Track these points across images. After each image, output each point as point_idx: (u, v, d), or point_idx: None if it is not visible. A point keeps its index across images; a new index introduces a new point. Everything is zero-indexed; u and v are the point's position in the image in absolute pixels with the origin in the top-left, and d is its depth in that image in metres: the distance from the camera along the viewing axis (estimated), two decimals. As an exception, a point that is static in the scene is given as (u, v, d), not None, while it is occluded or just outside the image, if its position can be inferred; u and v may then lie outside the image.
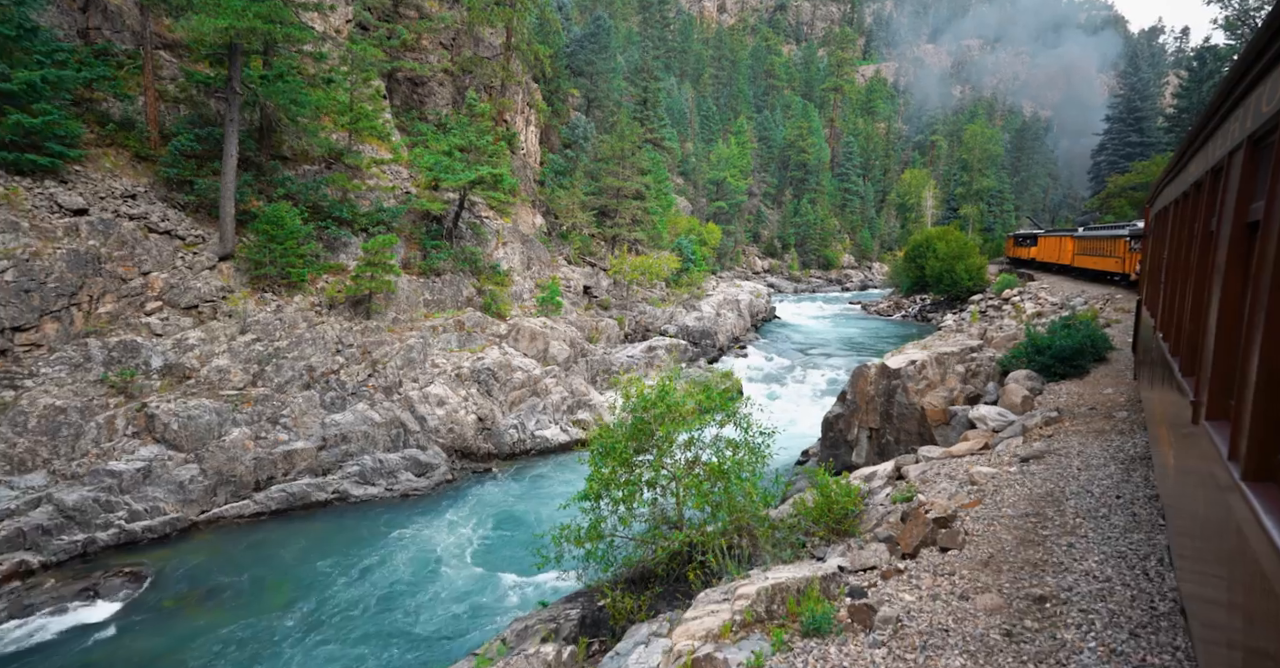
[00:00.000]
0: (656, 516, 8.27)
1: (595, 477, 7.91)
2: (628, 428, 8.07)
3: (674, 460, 8.44)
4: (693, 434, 8.47)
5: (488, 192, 20.82)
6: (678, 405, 7.96)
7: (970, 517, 6.46)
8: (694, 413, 8.35)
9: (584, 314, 28.71)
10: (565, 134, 36.26)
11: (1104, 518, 5.90)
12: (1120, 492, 6.50)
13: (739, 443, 8.61)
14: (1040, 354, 13.53)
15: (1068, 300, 34.82)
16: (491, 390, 18.88)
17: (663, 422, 8.12)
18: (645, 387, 8.16)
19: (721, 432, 9.08)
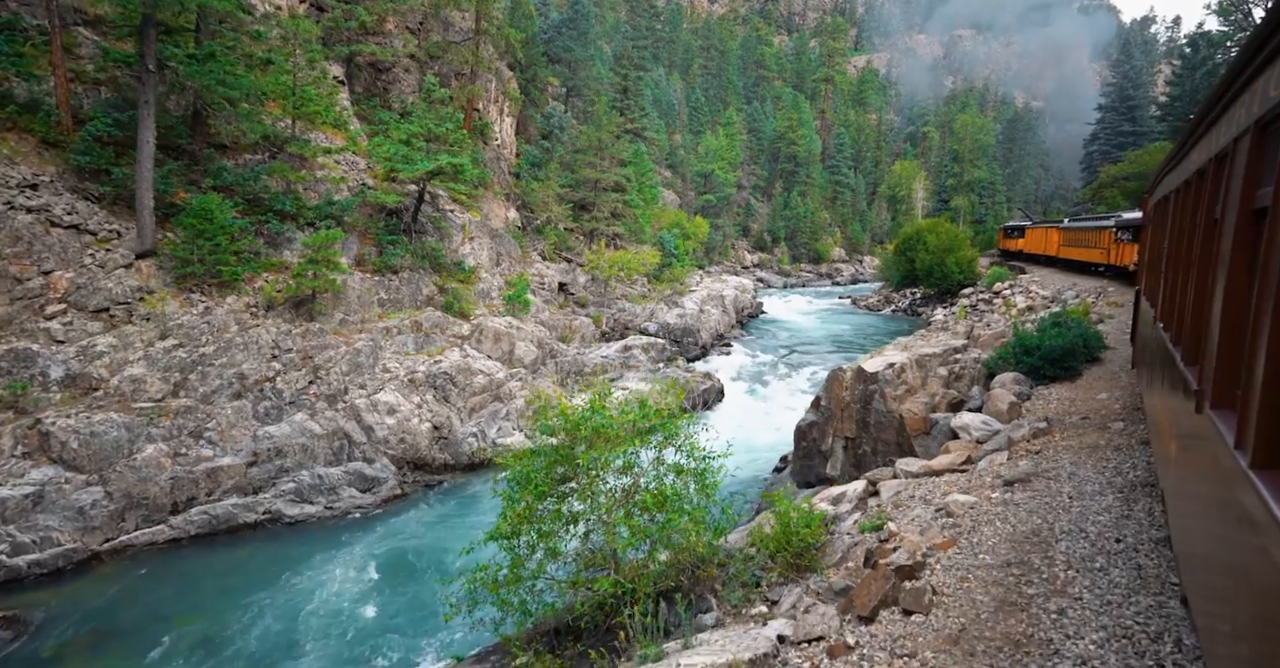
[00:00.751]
0: (586, 555, 7.12)
1: (508, 513, 6.73)
2: (547, 455, 6.88)
3: (608, 489, 7.28)
4: (629, 458, 7.30)
5: (448, 183, 19.58)
6: (606, 428, 6.78)
7: (942, 565, 5.34)
8: (628, 435, 7.18)
9: (557, 313, 27.51)
10: (541, 124, 34.94)
11: (1101, 571, 4.79)
12: (1120, 533, 5.39)
13: (683, 467, 7.44)
14: (1028, 355, 12.43)
15: (1059, 294, 33.84)
16: (449, 396, 17.69)
17: (590, 446, 6.96)
18: (567, 406, 6.99)
19: (665, 454, 7.92)
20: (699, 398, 25.59)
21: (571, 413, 7.01)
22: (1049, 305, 33.24)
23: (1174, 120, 53.52)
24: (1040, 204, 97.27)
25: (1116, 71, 63.13)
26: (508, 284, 22.79)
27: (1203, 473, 3.28)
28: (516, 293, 21.60)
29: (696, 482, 7.28)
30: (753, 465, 19.50)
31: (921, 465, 9.83)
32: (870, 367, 12.09)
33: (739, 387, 29.38)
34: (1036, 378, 12.31)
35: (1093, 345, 12.94)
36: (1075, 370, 12.25)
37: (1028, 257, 47.21)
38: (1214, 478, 2.95)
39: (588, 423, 6.90)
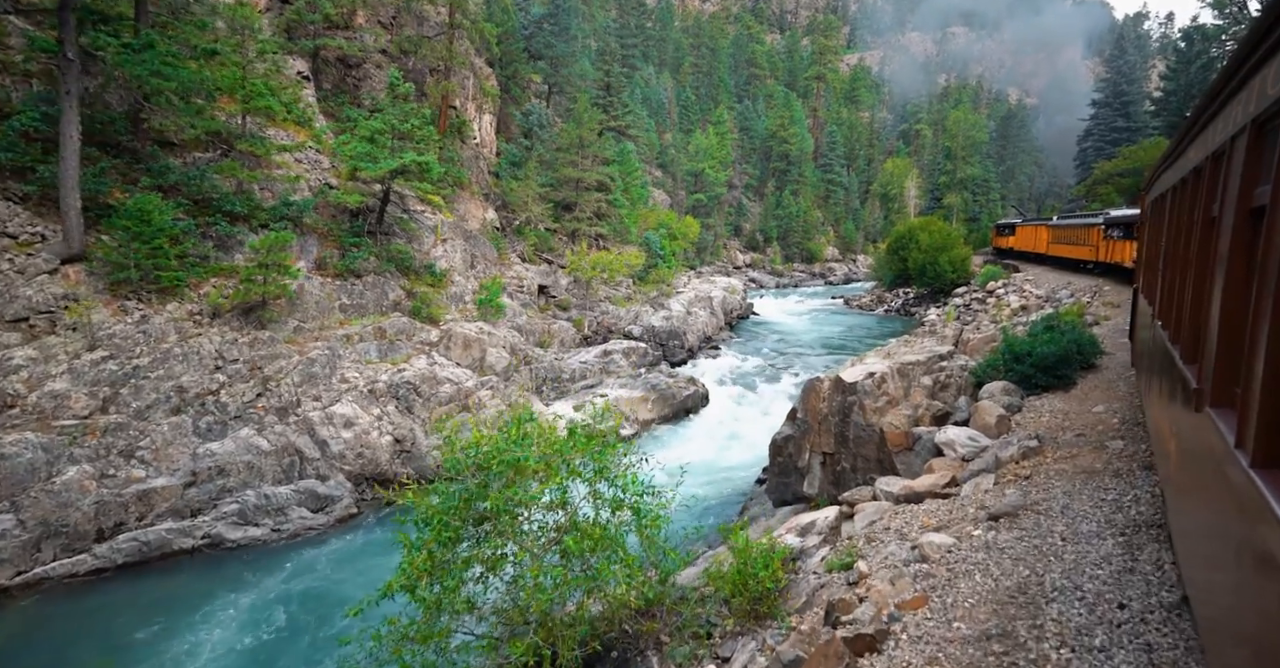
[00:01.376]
0: (508, 609, 6.17)
1: (405, 565, 5.77)
2: (455, 496, 5.93)
3: (535, 529, 6.34)
4: (558, 493, 6.36)
5: (414, 183, 18.65)
6: (524, 462, 5.84)
7: (909, 634, 4.47)
8: (555, 468, 6.25)
9: (536, 316, 26.59)
10: (521, 121, 34.00)
11: (1103, 654, 3.90)
12: (1124, 593, 4.51)
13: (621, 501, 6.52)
14: (1019, 363, 11.57)
15: (1053, 293, 33.07)
16: (413, 407, 16.75)
17: (508, 482, 6.03)
18: (480, 436, 6.05)
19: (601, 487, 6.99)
20: (681, 404, 24.71)
21: (485, 444, 6.06)
22: (1043, 305, 32.50)
23: (1169, 116, 52.87)
24: (1035, 201, 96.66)
25: (1110, 67, 62.42)
26: (482, 287, 21.86)
27: (1203, 472, 3.26)
28: (488, 297, 20.68)
29: (636, 519, 6.36)
30: (734, 476, 18.65)
31: (902, 486, 8.96)
32: (849, 377, 11.21)
33: (725, 391, 28.51)
34: (1028, 388, 11.45)
35: (1088, 351, 12.09)
36: (1069, 379, 11.39)
37: (1019, 254, 47.08)
38: (1215, 478, 2.94)
39: (501, 457, 5.96)
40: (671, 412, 24.27)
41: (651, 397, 23.81)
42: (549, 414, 21.11)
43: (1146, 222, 9.13)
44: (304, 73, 22.60)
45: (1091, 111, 65.03)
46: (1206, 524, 3.14)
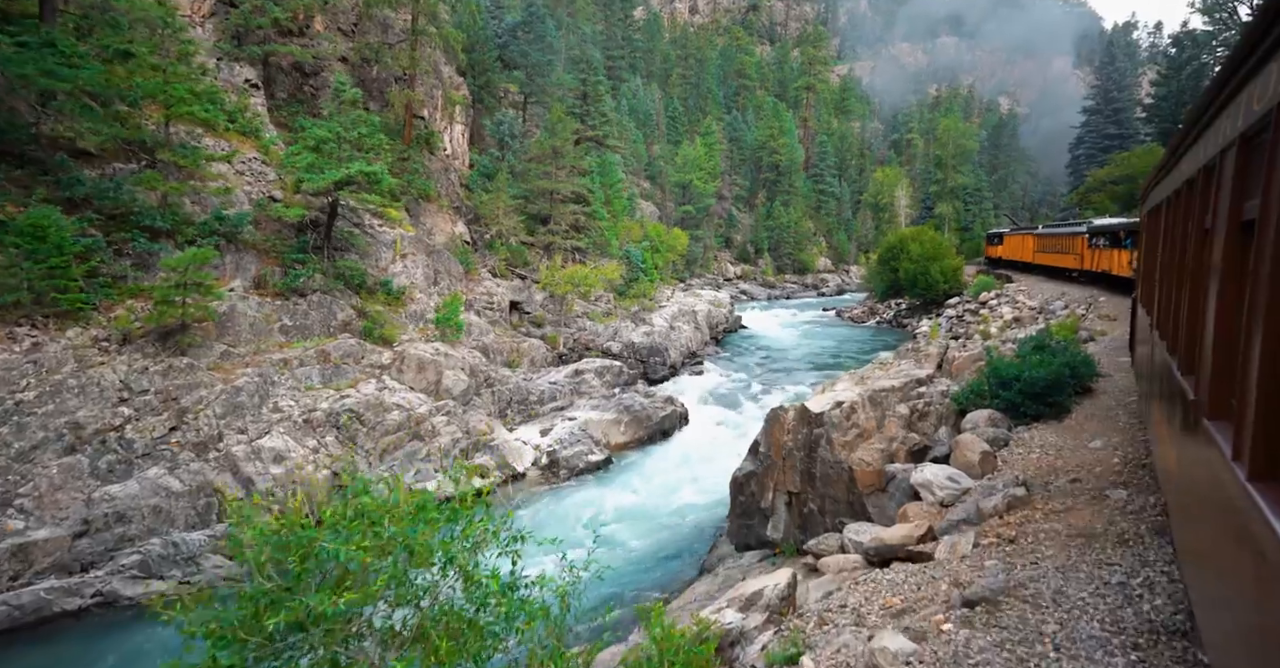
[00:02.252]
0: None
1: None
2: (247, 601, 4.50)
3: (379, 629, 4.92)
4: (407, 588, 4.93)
5: (361, 195, 17.41)
6: (329, 554, 4.43)
7: None
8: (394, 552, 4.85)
9: (504, 334, 25.27)
10: (492, 131, 32.87)
11: None
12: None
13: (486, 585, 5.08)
14: (1005, 389, 10.26)
15: (1047, 304, 31.89)
16: (356, 436, 15.37)
17: (325, 578, 4.64)
18: (276, 520, 4.66)
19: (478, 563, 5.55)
20: (657, 426, 23.35)
21: (284, 529, 4.65)
22: (1036, 317, 31.30)
23: (1160, 122, 52.11)
24: (1028, 210, 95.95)
25: (1100, 74, 61.84)
26: (441, 305, 20.55)
27: (1202, 485, 3.21)
28: (447, 315, 19.37)
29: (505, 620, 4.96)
30: (707, 508, 17.20)
31: (873, 538, 7.62)
32: (815, 406, 9.88)
33: (706, 411, 27.15)
34: (1016, 416, 10.14)
35: (1083, 374, 10.79)
36: (1063, 407, 10.08)
37: (1009, 264, 47.07)
38: (1213, 490, 2.91)
39: (308, 547, 4.56)
40: (647, 434, 22.91)
41: (625, 419, 22.46)
42: (513, 439, 19.76)
43: (1143, 232, 9.02)
44: (252, 80, 21.42)
45: (1083, 119, 64.38)
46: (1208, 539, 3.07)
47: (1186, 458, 3.74)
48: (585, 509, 16.65)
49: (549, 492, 17.87)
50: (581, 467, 19.32)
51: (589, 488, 18.34)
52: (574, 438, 20.08)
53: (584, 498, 17.44)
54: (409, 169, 26.66)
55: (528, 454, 19.19)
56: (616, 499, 17.67)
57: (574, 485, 18.44)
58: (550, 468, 19.03)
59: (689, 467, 20.05)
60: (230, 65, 20.95)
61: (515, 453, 18.82)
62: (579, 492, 18.05)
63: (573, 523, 16.09)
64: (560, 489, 18.03)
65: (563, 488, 18.15)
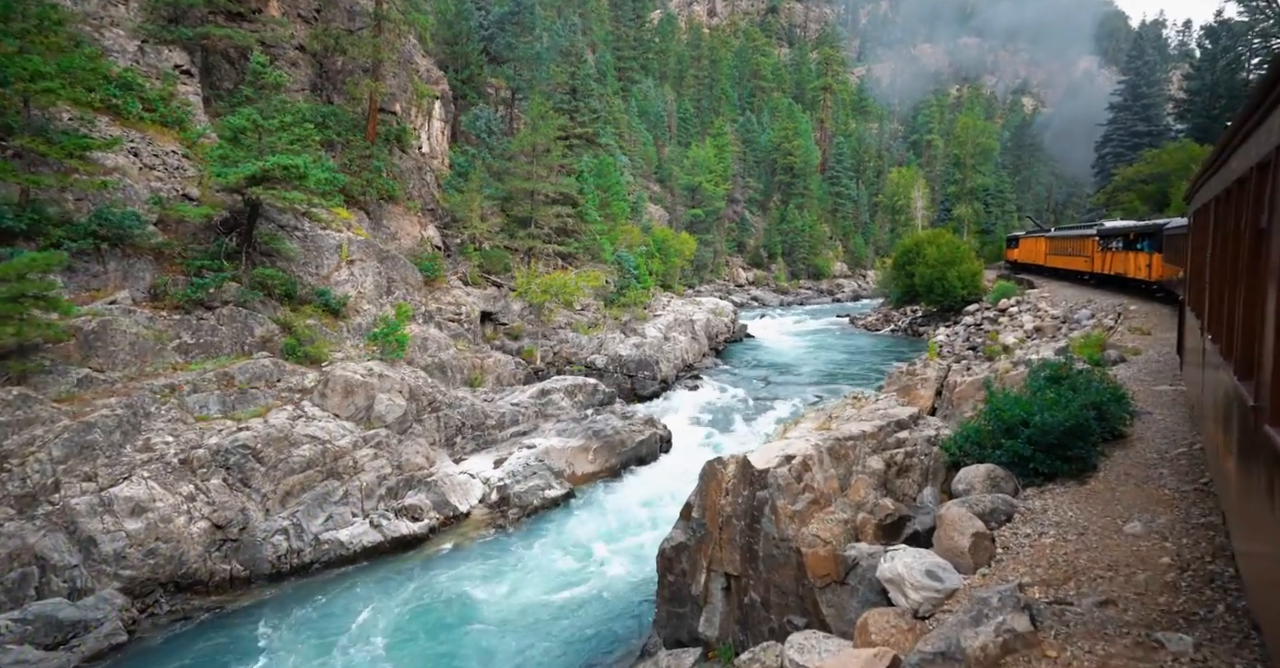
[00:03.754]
0: None
1: None
2: None
3: None
4: None
5: (278, 191, 15.42)
6: None
7: None
8: None
9: (466, 349, 23.16)
10: (467, 127, 30.92)
11: None
12: None
13: None
14: (1011, 436, 7.85)
15: (1071, 312, 29.10)
16: (250, 478, 13.28)
17: None
18: None
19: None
20: (632, 452, 21.06)
21: None
22: (1060, 328, 28.54)
23: (1194, 118, 48.74)
24: (1053, 212, 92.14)
25: (1128, 68, 58.39)
26: (379, 320, 18.46)
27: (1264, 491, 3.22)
28: (385, 330, 17.31)
29: None
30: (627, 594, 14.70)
31: (816, 663, 5.30)
32: (759, 461, 7.55)
33: (694, 433, 24.78)
34: (1024, 474, 7.72)
35: (1113, 416, 8.32)
36: (1086, 462, 7.63)
37: (1024, 267, 46.17)
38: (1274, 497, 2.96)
39: None
40: (620, 461, 20.63)
41: (593, 445, 20.20)
42: (458, 473, 17.56)
43: (1191, 231, 8.40)
44: (184, 66, 19.64)
45: (1110, 116, 60.93)
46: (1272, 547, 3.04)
47: (1244, 465, 3.68)
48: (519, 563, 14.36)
49: (493, 538, 15.63)
50: (536, 504, 17.10)
51: (540, 531, 16.08)
52: (529, 470, 17.87)
53: (523, 548, 15.15)
54: (369, 167, 24.76)
55: (475, 490, 17.00)
56: (567, 544, 15.40)
57: (523, 528, 16.19)
58: (500, 506, 16.83)
59: (659, 505, 17.65)
60: (157, 48, 19.17)
61: (459, 489, 16.63)
62: (527, 536, 15.79)
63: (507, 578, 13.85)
64: (505, 535, 15.78)
65: (509, 533, 15.90)
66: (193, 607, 11.63)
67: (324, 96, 25.67)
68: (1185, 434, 8.39)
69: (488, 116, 30.34)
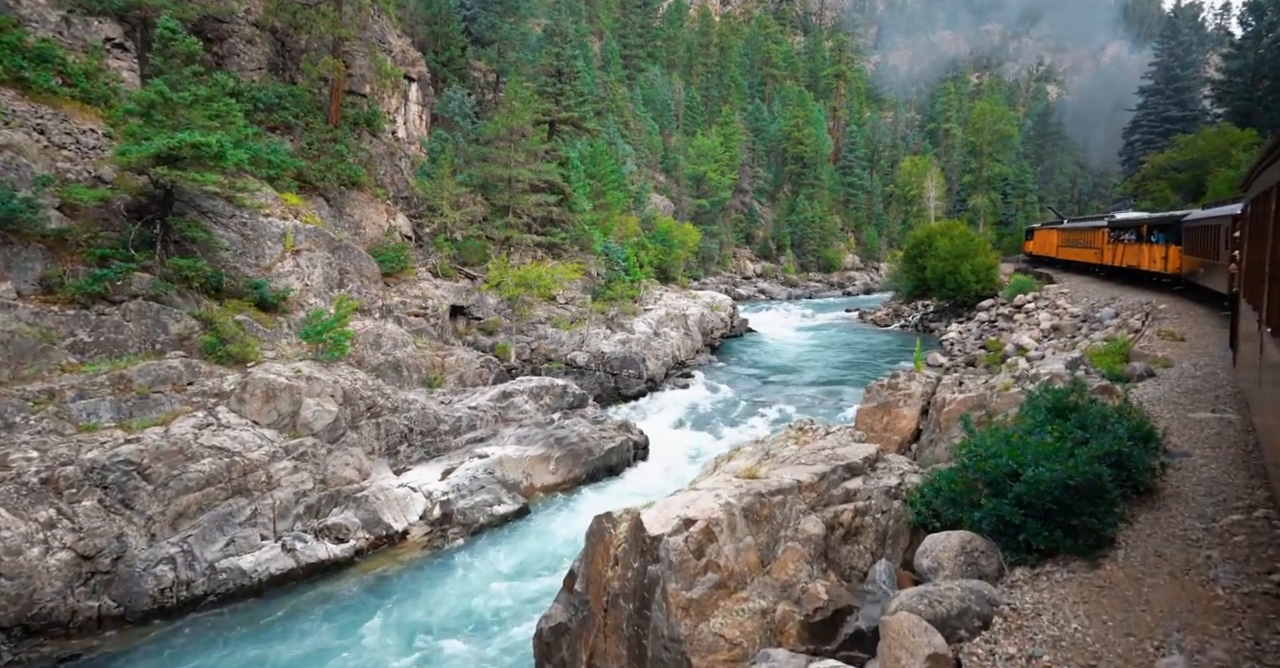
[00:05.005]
0: None
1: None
2: None
3: None
4: None
5: (190, 172, 13.69)
6: None
7: None
8: None
9: (426, 346, 21.41)
10: (440, 109, 29.06)
11: None
12: None
13: None
14: (997, 492, 5.86)
15: (1093, 310, 26.71)
16: (133, 499, 11.62)
17: None
18: None
19: None
20: (600, 461, 19.24)
21: None
22: (1080, 327, 26.21)
23: (1234, 100, 45.55)
24: (1077, 204, 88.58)
25: (1162, 49, 55.03)
26: (312, 316, 16.69)
27: None
28: (320, 328, 15.57)
29: None
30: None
31: None
32: (655, 524, 5.65)
33: (676, 438, 22.90)
34: (1013, 548, 5.73)
35: (1137, 466, 6.27)
36: (1099, 535, 5.62)
37: (1041, 259, 45.58)
38: None
39: None
40: (586, 472, 18.80)
41: (556, 454, 18.37)
42: (396, 486, 15.81)
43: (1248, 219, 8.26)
44: (117, 40, 17.97)
45: (1140, 101, 57.63)
46: None
47: None
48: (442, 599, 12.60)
49: (426, 562, 13.87)
50: (483, 521, 15.34)
51: (481, 554, 14.31)
52: (477, 483, 16.09)
53: (456, 575, 13.41)
54: (329, 152, 23.02)
55: (416, 506, 15.23)
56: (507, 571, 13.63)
57: (464, 551, 14.42)
58: (441, 524, 15.08)
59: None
60: (86, 19, 17.50)
61: (396, 505, 14.89)
62: (465, 560, 14.03)
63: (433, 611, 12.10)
64: (441, 558, 14.02)
65: (446, 556, 14.15)
66: (43, 654, 10.00)
67: (286, 76, 23.92)
68: (1240, 488, 6.35)
69: (460, 99, 28.44)
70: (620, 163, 64.79)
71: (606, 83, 79.43)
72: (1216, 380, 10.77)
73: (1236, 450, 7.41)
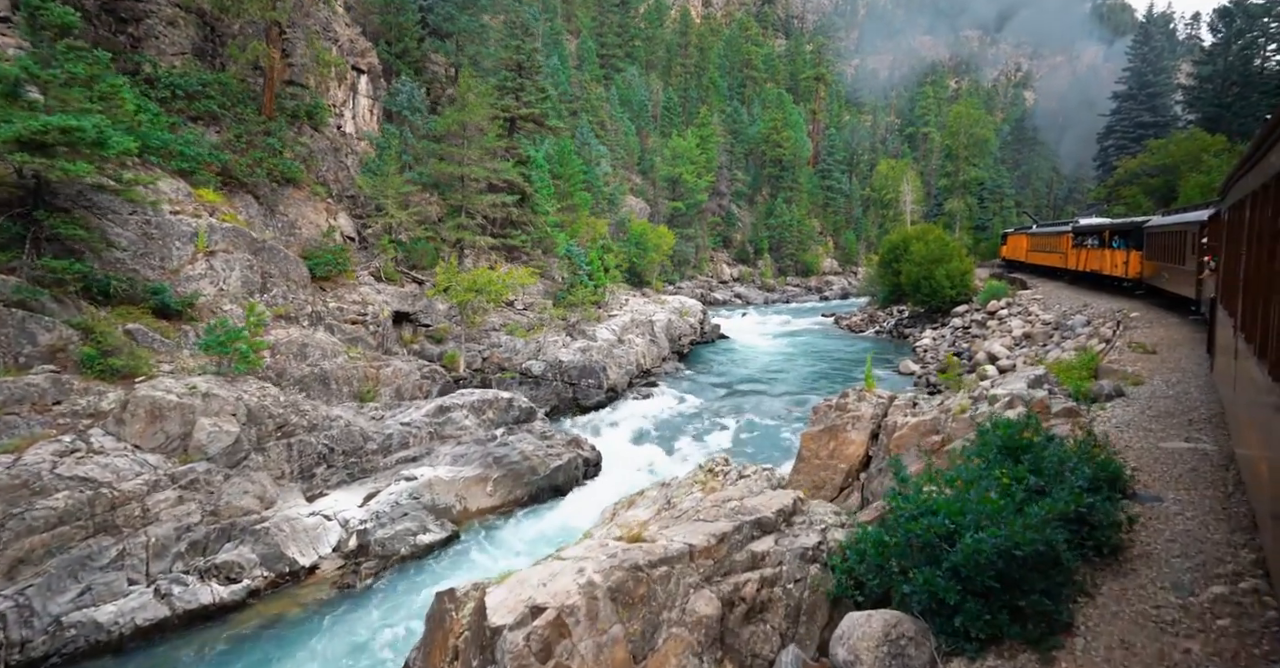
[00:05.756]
0: None
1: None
2: None
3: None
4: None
5: (59, 161, 12.18)
6: None
7: None
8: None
9: (360, 356, 19.96)
10: (387, 102, 27.61)
11: None
12: None
13: None
14: (931, 561, 4.67)
15: (1064, 317, 25.95)
16: (-29, 537, 10.11)
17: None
18: None
19: None
20: (545, 481, 17.98)
21: None
22: (1051, 334, 25.38)
23: (1205, 106, 45.38)
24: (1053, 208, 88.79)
25: (1134, 54, 54.92)
26: (215, 325, 15.17)
27: None
28: (220, 339, 14.06)
29: None
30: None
31: None
32: (499, 610, 4.39)
33: (633, 454, 21.70)
34: (948, 631, 4.53)
35: (1101, 521, 5.11)
36: (1054, 617, 4.44)
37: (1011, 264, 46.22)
38: None
39: None
40: (529, 492, 17.52)
41: (494, 474, 17.06)
42: (305, 515, 14.33)
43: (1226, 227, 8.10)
44: (3, 13, 16.37)
45: (1113, 106, 57.50)
46: None
47: None
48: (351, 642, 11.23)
49: (332, 603, 12.46)
50: (404, 553, 13.98)
51: (393, 591, 12.92)
52: (400, 510, 14.72)
53: (362, 618, 12.03)
54: (261, 145, 21.52)
55: (328, 536, 13.83)
56: (418, 611, 12.27)
57: (378, 588, 13.04)
58: (356, 557, 13.68)
59: (553, 550, 14.50)
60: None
61: (304, 537, 13.48)
62: (377, 599, 12.65)
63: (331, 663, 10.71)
64: (350, 598, 12.62)
65: (357, 595, 12.74)
66: None
67: (216, 63, 22.37)
68: (1221, 546, 5.23)
69: (410, 91, 27.01)
70: (594, 164, 63.52)
71: (582, 82, 78.21)
72: (1190, 401, 9.75)
73: (1215, 493, 6.32)
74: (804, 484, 9.70)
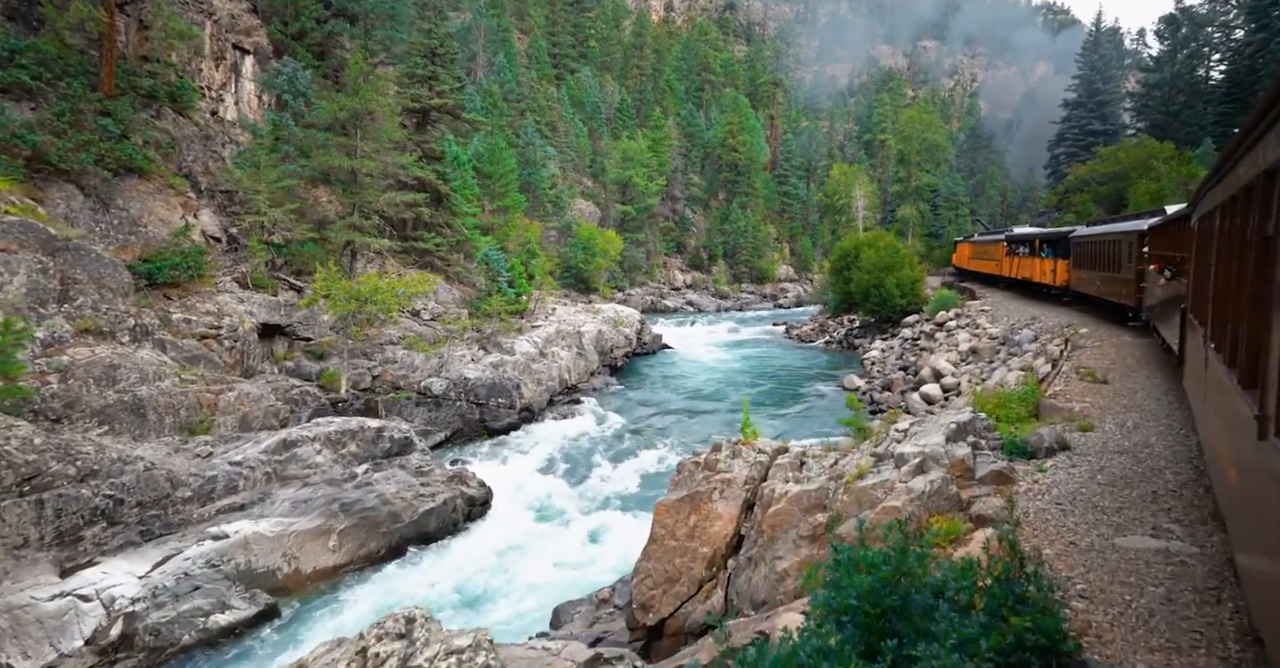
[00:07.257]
0: None
1: None
2: None
3: None
4: None
5: None
6: None
7: None
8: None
9: (195, 379, 16.81)
10: (266, 84, 24.49)
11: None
12: None
13: None
14: None
15: (1012, 332, 24.07)
16: None
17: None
18: None
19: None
20: (410, 529, 15.19)
21: None
22: (998, 350, 23.43)
23: (1152, 114, 44.80)
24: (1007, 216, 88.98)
25: (1084, 63, 54.49)
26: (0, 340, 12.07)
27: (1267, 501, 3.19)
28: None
29: None
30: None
31: None
32: None
33: (533, 488, 18.98)
34: None
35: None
36: None
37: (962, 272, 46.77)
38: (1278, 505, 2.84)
39: None
40: (388, 545, 14.71)
41: (340, 525, 14.16)
42: (46, 598, 11.09)
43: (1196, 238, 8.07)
44: None
45: (1063, 115, 57.05)
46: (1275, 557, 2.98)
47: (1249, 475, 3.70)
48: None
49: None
50: (188, 641, 11.02)
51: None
52: (189, 583, 11.70)
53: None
54: (92, 127, 18.28)
55: (81, 624, 10.71)
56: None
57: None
58: (119, 650, 10.64)
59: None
60: None
61: (36, 630, 10.34)
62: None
63: None
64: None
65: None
66: None
67: (31, 26, 19.02)
68: None
69: (292, 72, 23.96)
70: (540, 166, 60.74)
71: (530, 81, 75.39)
72: (1153, 459, 7.47)
73: (1208, 656, 3.90)
74: (654, 575, 7.12)
